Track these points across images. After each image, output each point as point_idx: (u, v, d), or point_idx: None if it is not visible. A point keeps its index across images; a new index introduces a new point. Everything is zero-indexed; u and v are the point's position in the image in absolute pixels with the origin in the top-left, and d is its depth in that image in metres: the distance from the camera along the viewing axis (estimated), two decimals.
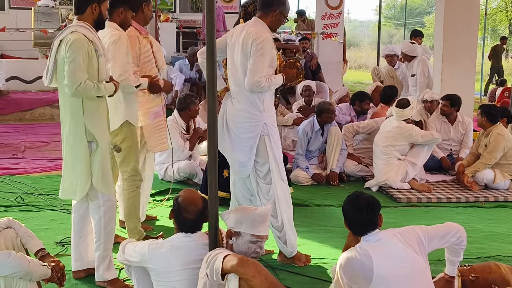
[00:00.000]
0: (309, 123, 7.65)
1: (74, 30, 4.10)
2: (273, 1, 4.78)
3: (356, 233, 3.74)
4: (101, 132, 4.24)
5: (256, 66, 4.56)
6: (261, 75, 4.55)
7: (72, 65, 4.01)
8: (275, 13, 4.77)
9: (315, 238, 5.52)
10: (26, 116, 12.09)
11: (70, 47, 4.02)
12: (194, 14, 17.45)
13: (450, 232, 3.86)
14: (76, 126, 4.17)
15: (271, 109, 4.81)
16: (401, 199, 6.80)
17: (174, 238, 3.69)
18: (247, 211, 3.71)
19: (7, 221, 3.91)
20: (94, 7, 4.20)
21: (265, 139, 4.72)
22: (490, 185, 7.19)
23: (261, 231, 3.62)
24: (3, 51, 14.96)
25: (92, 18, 4.22)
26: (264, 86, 4.57)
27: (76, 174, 4.23)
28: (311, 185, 7.41)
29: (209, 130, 3.59)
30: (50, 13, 14.44)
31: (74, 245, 4.48)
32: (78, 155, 4.20)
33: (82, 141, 4.17)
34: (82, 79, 4.02)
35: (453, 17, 8.94)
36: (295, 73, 5.06)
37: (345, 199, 3.86)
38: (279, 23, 4.90)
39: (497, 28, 40.24)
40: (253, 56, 4.58)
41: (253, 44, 4.58)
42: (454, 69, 8.99)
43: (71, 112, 4.17)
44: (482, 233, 5.70)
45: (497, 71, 19.92)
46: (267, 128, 4.73)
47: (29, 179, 7.31)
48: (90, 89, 4.06)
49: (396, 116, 7.12)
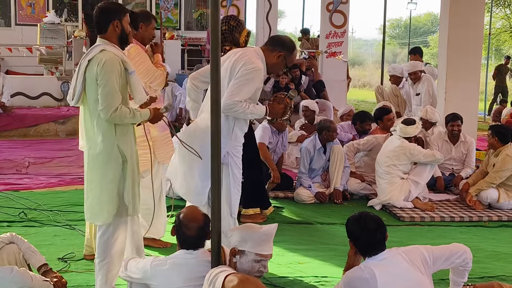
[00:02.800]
0: (311, 142, 7.66)
1: (103, 48, 3.99)
2: (282, 43, 4.61)
3: (365, 253, 3.74)
4: (131, 151, 4.16)
5: (238, 89, 4.33)
6: (240, 99, 4.30)
7: (107, 89, 3.90)
8: (278, 53, 4.58)
9: (318, 256, 5.50)
10: (31, 132, 12.10)
11: (102, 68, 3.91)
12: (199, 32, 17.53)
13: (456, 254, 3.86)
14: (108, 147, 4.03)
15: (238, 139, 4.61)
16: (404, 217, 6.78)
17: (176, 255, 3.70)
18: (252, 229, 3.70)
19: (10, 237, 3.92)
20: (116, 24, 4.10)
21: (223, 168, 4.37)
22: (494, 204, 7.17)
23: (265, 250, 3.61)
24: (8, 67, 15.02)
25: (116, 36, 4.12)
26: (238, 111, 4.31)
27: (103, 196, 4.08)
28: (314, 203, 7.40)
29: (212, 149, 3.60)
30: (56, 30, 14.53)
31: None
32: (108, 176, 4.06)
33: (116, 161, 4.05)
34: (117, 104, 3.91)
35: (457, 37, 8.95)
36: (281, 109, 4.67)
37: (350, 219, 3.86)
38: (279, 67, 4.69)
39: (501, 48, 40.31)
40: (238, 79, 4.37)
41: (242, 68, 4.38)
42: (458, 88, 8.99)
43: (103, 133, 4.02)
44: (486, 253, 5.68)
45: (502, 90, 19.93)
46: (228, 157, 4.51)
47: (33, 195, 7.31)
48: (125, 116, 3.95)
49: (400, 132, 7.12)
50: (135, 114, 4.01)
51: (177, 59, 14.25)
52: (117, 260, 4.19)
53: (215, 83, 3.52)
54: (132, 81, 4.09)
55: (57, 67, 14.03)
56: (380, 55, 15.43)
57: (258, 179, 6.41)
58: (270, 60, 4.58)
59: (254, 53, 4.54)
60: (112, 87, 3.90)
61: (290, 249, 5.65)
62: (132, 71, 4.09)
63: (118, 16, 4.12)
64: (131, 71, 4.08)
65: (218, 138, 3.59)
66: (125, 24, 4.16)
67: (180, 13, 18.02)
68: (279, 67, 4.68)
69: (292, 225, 6.47)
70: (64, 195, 7.28)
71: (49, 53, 14.00)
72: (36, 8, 16.79)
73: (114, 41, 4.11)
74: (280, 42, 4.63)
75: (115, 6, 4.22)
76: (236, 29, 5.90)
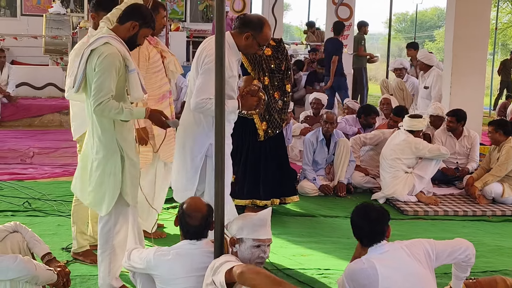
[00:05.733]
0: (314, 134, 7.67)
1: (107, 41, 3.94)
2: (248, 23, 4.50)
3: (364, 243, 3.75)
4: (130, 146, 4.16)
5: (204, 86, 4.25)
6: (207, 96, 4.21)
7: (99, 82, 3.88)
8: (246, 34, 4.46)
9: (321, 249, 5.51)
10: (35, 122, 12.16)
11: (102, 61, 3.88)
12: (204, 24, 17.53)
13: (459, 249, 3.86)
14: (107, 141, 4.03)
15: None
16: (408, 211, 6.78)
17: (179, 245, 3.70)
18: (247, 217, 3.72)
19: (14, 225, 3.93)
20: (134, 25, 4.05)
21: (207, 161, 4.46)
22: (498, 199, 7.17)
23: (262, 235, 3.61)
24: (13, 57, 15.05)
25: (127, 35, 4.06)
26: (209, 109, 4.20)
27: (103, 188, 4.09)
28: (318, 196, 7.40)
29: (216, 141, 3.61)
30: (62, 21, 14.53)
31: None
32: (107, 169, 4.06)
33: (114, 155, 4.05)
34: (105, 98, 3.87)
35: (463, 31, 8.92)
36: (255, 101, 4.56)
37: (354, 209, 3.87)
38: (251, 48, 4.56)
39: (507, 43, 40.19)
40: (202, 74, 4.31)
41: (204, 61, 4.31)
42: (464, 83, 8.96)
43: (102, 126, 4.02)
44: (489, 247, 5.67)
45: (507, 85, 19.86)
46: (211, 149, 4.38)
47: (37, 185, 7.34)
48: (110, 110, 3.89)
49: (406, 125, 7.12)
50: (124, 110, 3.93)
51: (183, 50, 14.23)
52: (120, 251, 4.20)
53: (220, 76, 3.52)
54: (131, 79, 4.05)
55: (62, 58, 14.03)
56: (386, 49, 15.35)
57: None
58: (241, 43, 4.50)
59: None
60: (103, 81, 3.87)
61: (293, 241, 5.66)
62: (132, 69, 4.04)
63: (141, 22, 4.07)
64: (131, 68, 4.04)
65: (222, 132, 3.58)
66: (141, 33, 4.11)
67: (186, 5, 18.01)
68: (251, 47, 4.54)
69: (295, 217, 6.48)
70: (68, 185, 7.15)
71: (54, 44, 13.99)
72: None
73: (122, 37, 4.06)
74: (246, 22, 4.52)
75: (147, 13, 4.14)
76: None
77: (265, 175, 6.26)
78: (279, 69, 6.17)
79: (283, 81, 6.22)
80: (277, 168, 6.33)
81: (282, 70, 6.18)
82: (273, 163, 6.29)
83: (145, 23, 4.08)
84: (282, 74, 6.19)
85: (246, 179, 6.21)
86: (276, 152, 6.34)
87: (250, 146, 6.23)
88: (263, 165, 6.26)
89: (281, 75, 6.20)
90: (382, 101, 9.50)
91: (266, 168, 6.27)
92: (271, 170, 6.29)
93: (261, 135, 6.19)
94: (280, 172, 6.35)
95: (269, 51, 6.17)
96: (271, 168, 6.29)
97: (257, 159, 6.25)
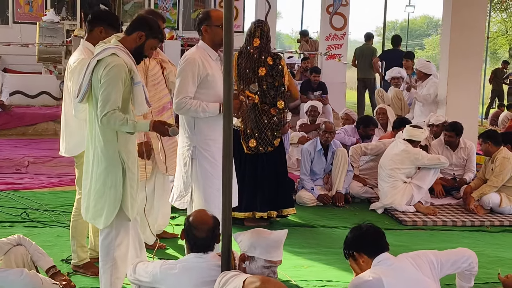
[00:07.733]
0: (311, 143, 7.67)
1: (114, 52, 3.92)
2: (200, 20, 4.86)
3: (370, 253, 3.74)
4: (133, 159, 4.13)
5: (180, 86, 4.55)
6: (185, 95, 4.51)
7: (105, 93, 3.85)
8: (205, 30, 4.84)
9: (321, 260, 5.50)
10: (29, 131, 12.05)
11: (108, 72, 3.86)
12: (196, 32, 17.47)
13: (461, 258, 3.89)
14: (109, 152, 3.99)
15: (205, 132, 4.61)
16: (406, 222, 6.78)
17: (186, 258, 3.69)
18: (261, 235, 3.66)
19: (18, 238, 3.91)
20: (140, 35, 4.04)
21: (193, 163, 4.61)
22: (496, 209, 7.18)
23: (275, 256, 3.59)
24: (6, 65, 14.97)
25: (133, 45, 4.05)
26: (190, 109, 4.49)
27: (103, 201, 4.04)
28: (316, 206, 7.39)
29: (224, 151, 3.59)
30: (55, 29, 14.46)
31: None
32: (108, 181, 4.01)
33: (116, 167, 4.00)
34: (110, 109, 3.84)
35: (459, 40, 8.96)
36: (237, 104, 4.58)
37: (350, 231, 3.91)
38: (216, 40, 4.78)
39: (497, 52, 40.46)
40: (177, 77, 4.62)
41: (180, 63, 4.68)
42: (459, 92, 8.98)
43: (104, 138, 3.98)
44: (489, 258, 5.68)
45: (498, 94, 20.00)
46: (195, 152, 4.59)
47: (34, 195, 7.28)
48: (115, 122, 3.86)
49: (406, 135, 7.12)
50: (129, 122, 3.91)
51: (177, 59, 14.15)
52: (121, 263, 4.16)
53: (228, 86, 3.51)
54: (136, 91, 4.03)
55: (56, 66, 13.96)
56: None
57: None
58: (208, 39, 4.84)
59: (193, 48, 4.82)
60: (110, 92, 3.85)
61: (294, 253, 5.64)
62: (137, 82, 4.02)
63: (148, 33, 4.06)
64: (136, 81, 4.02)
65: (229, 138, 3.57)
66: (148, 44, 4.10)
67: (178, 13, 17.99)
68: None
69: (295, 228, 6.45)
70: (65, 195, 7.24)
71: (48, 52, 13.93)
72: (34, 6, 16.73)
73: (129, 48, 4.04)
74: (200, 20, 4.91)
75: (153, 24, 4.14)
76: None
77: (261, 188, 6.30)
78: (273, 86, 6.15)
79: (276, 98, 6.19)
80: (275, 180, 6.34)
81: (275, 87, 6.16)
82: (271, 176, 6.32)
83: (151, 33, 4.07)
84: (275, 91, 6.16)
85: (245, 192, 6.18)
86: (275, 167, 6.36)
87: (247, 159, 6.24)
88: (260, 178, 6.29)
89: (274, 92, 6.16)
90: (378, 110, 9.47)
91: (263, 180, 6.29)
92: (267, 182, 6.31)
93: (245, 147, 6.21)
94: (277, 184, 6.36)
95: (264, 71, 6.11)
96: (268, 180, 6.31)
97: (254, 171, 6.28)
